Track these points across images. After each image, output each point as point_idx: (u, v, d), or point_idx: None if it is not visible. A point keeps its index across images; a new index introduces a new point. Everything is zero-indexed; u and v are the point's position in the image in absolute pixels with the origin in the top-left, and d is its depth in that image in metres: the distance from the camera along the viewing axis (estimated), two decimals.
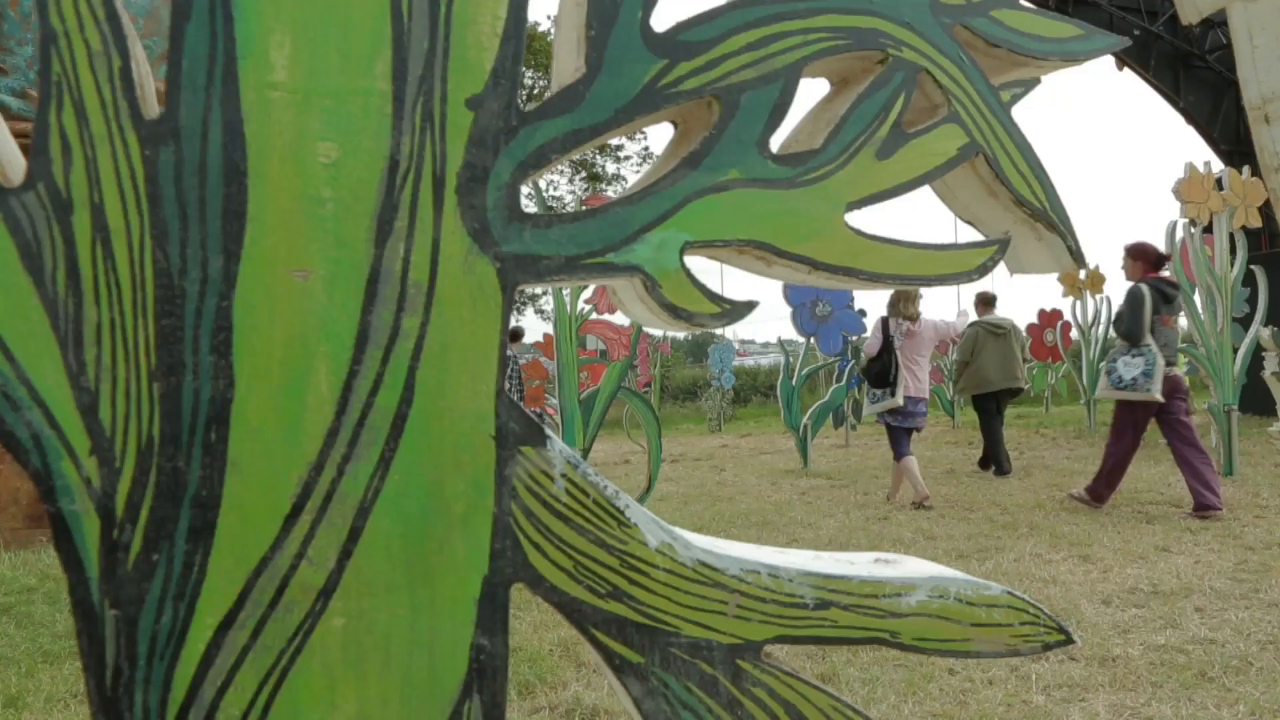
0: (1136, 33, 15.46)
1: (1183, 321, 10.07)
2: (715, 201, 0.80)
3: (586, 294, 8.16)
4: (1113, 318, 6.88)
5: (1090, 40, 0.99)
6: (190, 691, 0.68)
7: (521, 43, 0.75)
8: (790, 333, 12.33)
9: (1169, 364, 6.30)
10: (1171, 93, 16.28)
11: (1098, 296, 14.05)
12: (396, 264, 0.73)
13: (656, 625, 0.78)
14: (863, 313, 12.84)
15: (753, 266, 0.84)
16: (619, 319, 9.00)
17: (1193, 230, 8.45)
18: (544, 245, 0.76)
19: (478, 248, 0.75)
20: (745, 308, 0.82)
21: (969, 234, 1.05)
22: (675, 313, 0.79)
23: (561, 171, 28.72)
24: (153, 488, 0.67)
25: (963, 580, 0.91)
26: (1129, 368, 6.23)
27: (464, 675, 0.75)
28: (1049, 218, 0.97)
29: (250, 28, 0.69)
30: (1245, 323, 9.10)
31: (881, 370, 7.70)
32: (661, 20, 0.79)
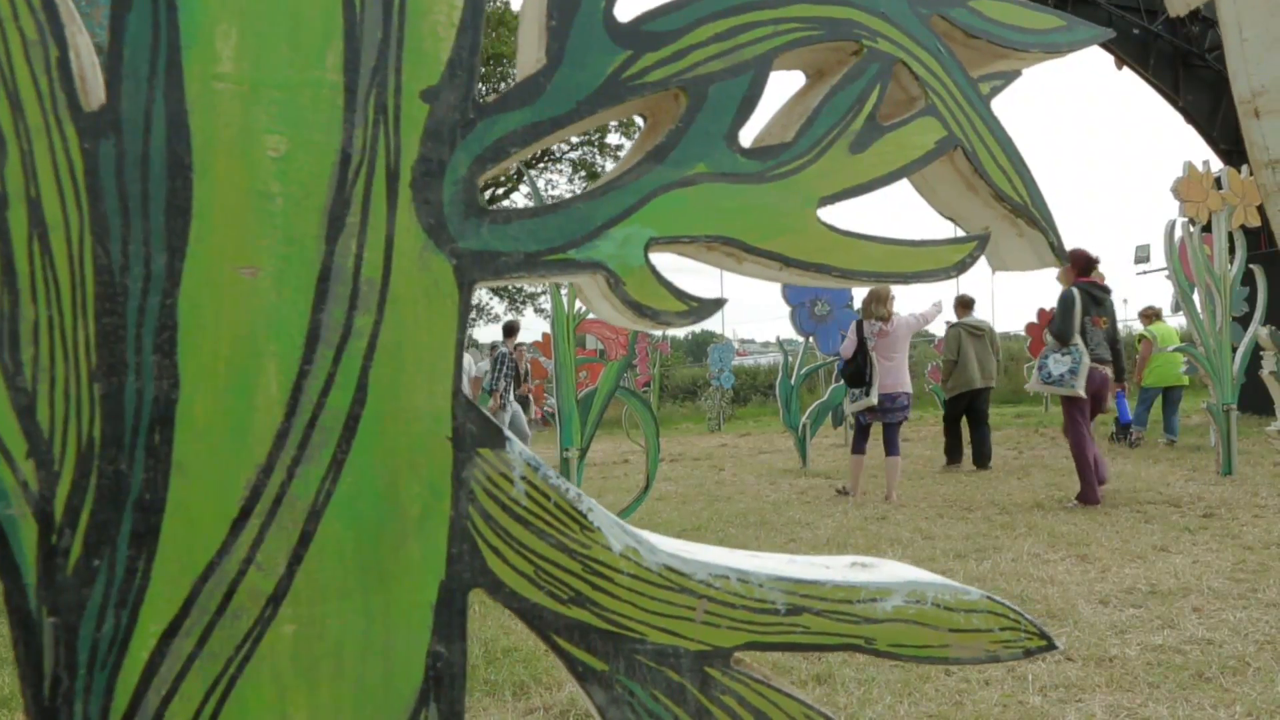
0: (1136, 31, 15.42)
1: (1181, 321, 10.13)
2: (681, 196, 0.78)
3: None
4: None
5: (1073, 31, 0.97)
6: (133, 701, 0.66)
7: (479, 33, 0.73)
8: (789, 332, 12.33)
9: (1101, 363, 6.85)
10: (1171, 92, 16.24)
11: None
12: (349, 261, 0.71)
13: (621, 631, 0.76)
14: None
15: (722, 263, 0.82)
16: None
17: (1191, 229, 8.43)
18: (502, 241, 0.74)
19: (433, 244, 0.73)
20: (713, 305, 0.80)
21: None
22: (640, 311, 0.77)
23: (560, 170, 28.72)
24: (93, 491, 0.65)
25: (940, 585, 0.89)
26: (1058, 365, 6.82)
27: (420, 683, 0.73)
28: (1030, 213, 0.95)
29: (194, 17, 0.67)
30: (1245, 322, 9.07)
31: (856, 371, 8.06)
32: (626, 10, 0.77)
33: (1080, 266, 7.16)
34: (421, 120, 0.72)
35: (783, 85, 1.01)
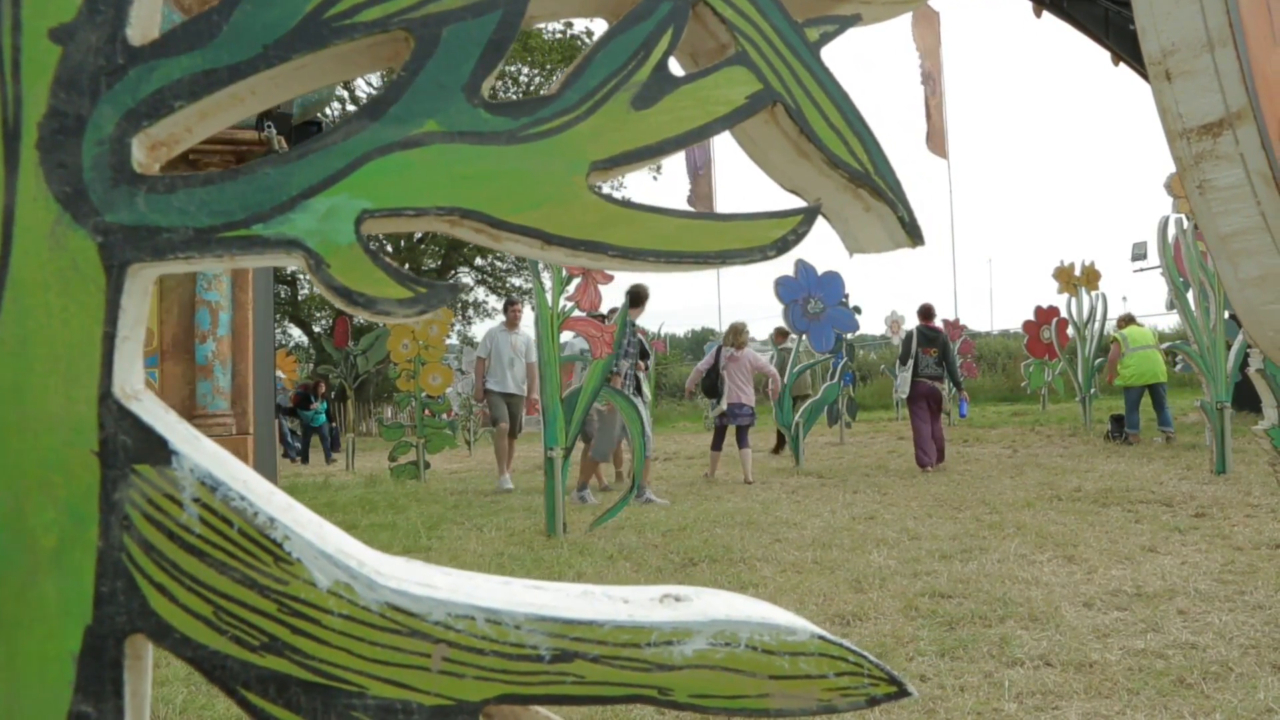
0: (1132, 27, 15.19)
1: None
2: (404, 160, 0.65)
3: (569, 290, 8.08)
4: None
5: None
6: None
7: None
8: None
9: (930, 379, 10.48)
10: None
11: (1093, 293, 13.85)
12: None
13: (332, 684, 0.63)
14: (858, 310, 12.64)
15: (475, 239, 0.68)
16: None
17: (1185, 226, 8.29)
18: (165, 214, 0.61)
19: (70, 217, 0.60)
20: (447, 291, 0.66)
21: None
22: (350, 297, 0.64)
23: None
24: None
25: (759, 624, 0.76)
26: (900, 377, 10.89)
27: None
28: (872, 182, 0.82)
29: None
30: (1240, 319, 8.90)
31: (711, 385, 10.82)
32: None
33: (922, 314, 11.03)
34: (51, 66, 0.59)
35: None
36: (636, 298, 9.54)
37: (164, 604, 0.61)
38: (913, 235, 0.86)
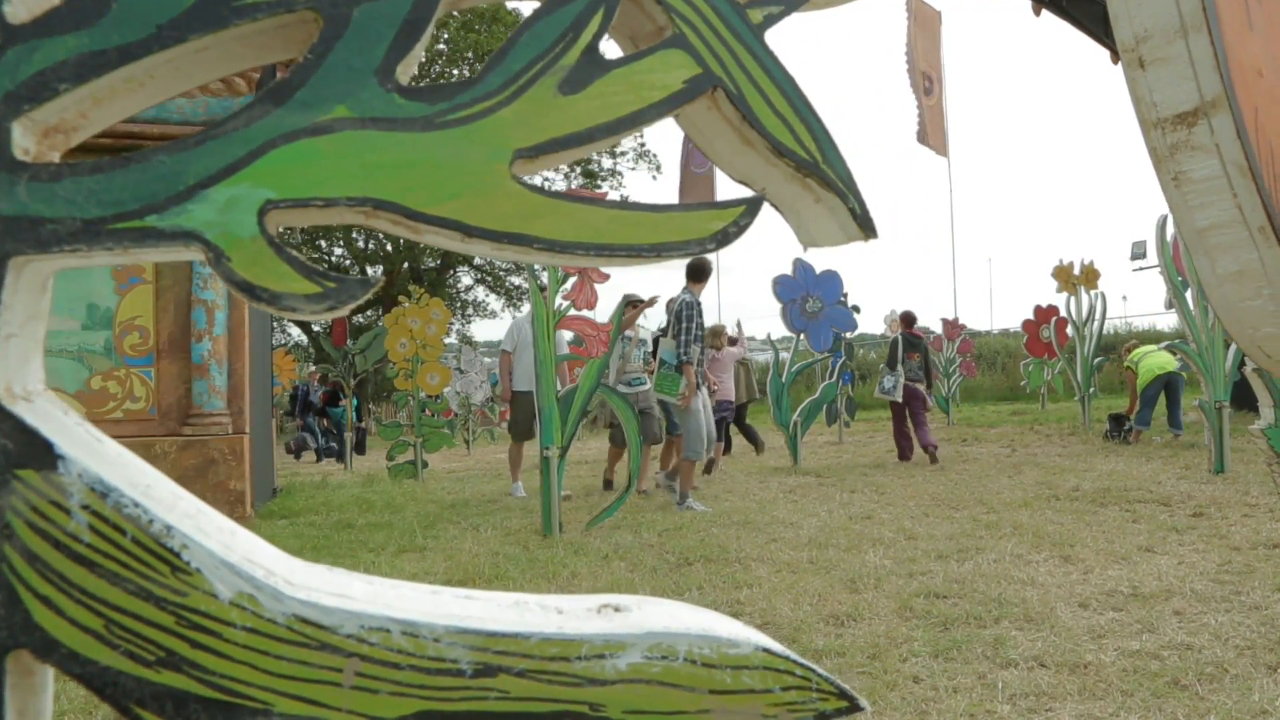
0: None
1: (1175, 320, 10.46)
2: (312, 148, 0.61)
3: (566, 288, 8.06)
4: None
5: None
6: None
7: None
8: (781, 329, 12.23)
9: (913, 381, 11.29)
10: None
11: (1093, 292, 13.81)
12: None
13: (235, 700, 0.59)
14: (856, 309, 12.61)
15: (396, 231, 0.65)
16: (599, 315, 8.82)
17: None
18: (49, 204, 0.57)
19: None
20: (358, 286, 0.63)
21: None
22: (253, 293, 0.60)
23: (555, 168, 28.51)
24: None
25: (698, 635, 0.72)
26: (888, 381, 11.42)
27: None
28: (821, 172, 0.78)
29: None
30: None
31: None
32: None
33: (906, 322, 12.06)
34: None
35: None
36: (699, 271, 8.13)
37: (49, 617, 0.58)
38: (864, 228, 0.83)
